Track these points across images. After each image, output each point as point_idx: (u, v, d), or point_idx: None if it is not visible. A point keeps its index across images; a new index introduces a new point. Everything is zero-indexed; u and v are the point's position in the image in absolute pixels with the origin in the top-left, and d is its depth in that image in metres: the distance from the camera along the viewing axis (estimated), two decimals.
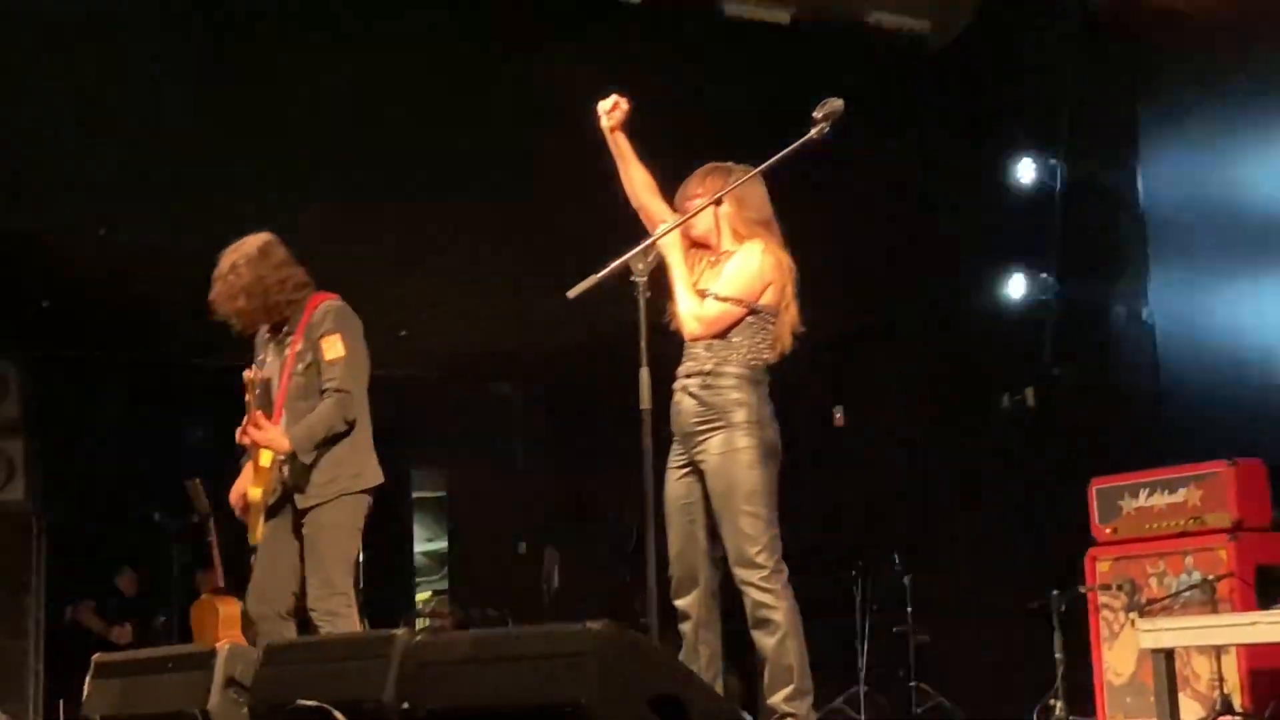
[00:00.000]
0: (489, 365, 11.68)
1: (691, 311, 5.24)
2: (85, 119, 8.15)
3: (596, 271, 4.86)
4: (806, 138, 4.94)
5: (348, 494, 5.60)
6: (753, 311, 5.29)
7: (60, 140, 8.11)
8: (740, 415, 5.18)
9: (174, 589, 10.12)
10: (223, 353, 6.07)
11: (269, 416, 5.63)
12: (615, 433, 12.61)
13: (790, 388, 10.89)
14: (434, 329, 9.92)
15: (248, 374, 5.50)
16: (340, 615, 5.46)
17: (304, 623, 5.68)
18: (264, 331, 5.82)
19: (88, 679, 4.91)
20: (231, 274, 5.67)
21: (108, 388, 11.20)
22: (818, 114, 4.89)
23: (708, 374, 5.22)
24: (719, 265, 5.34)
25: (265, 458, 5.59)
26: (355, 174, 8.68)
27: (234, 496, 5.76)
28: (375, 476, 5.75)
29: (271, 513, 5.70)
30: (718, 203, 5.24)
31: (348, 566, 5.60)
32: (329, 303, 5.72)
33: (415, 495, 13.13)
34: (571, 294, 4.84)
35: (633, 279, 4.81)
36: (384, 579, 12.37)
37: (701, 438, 5.17)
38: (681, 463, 5.26)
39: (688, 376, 5.25)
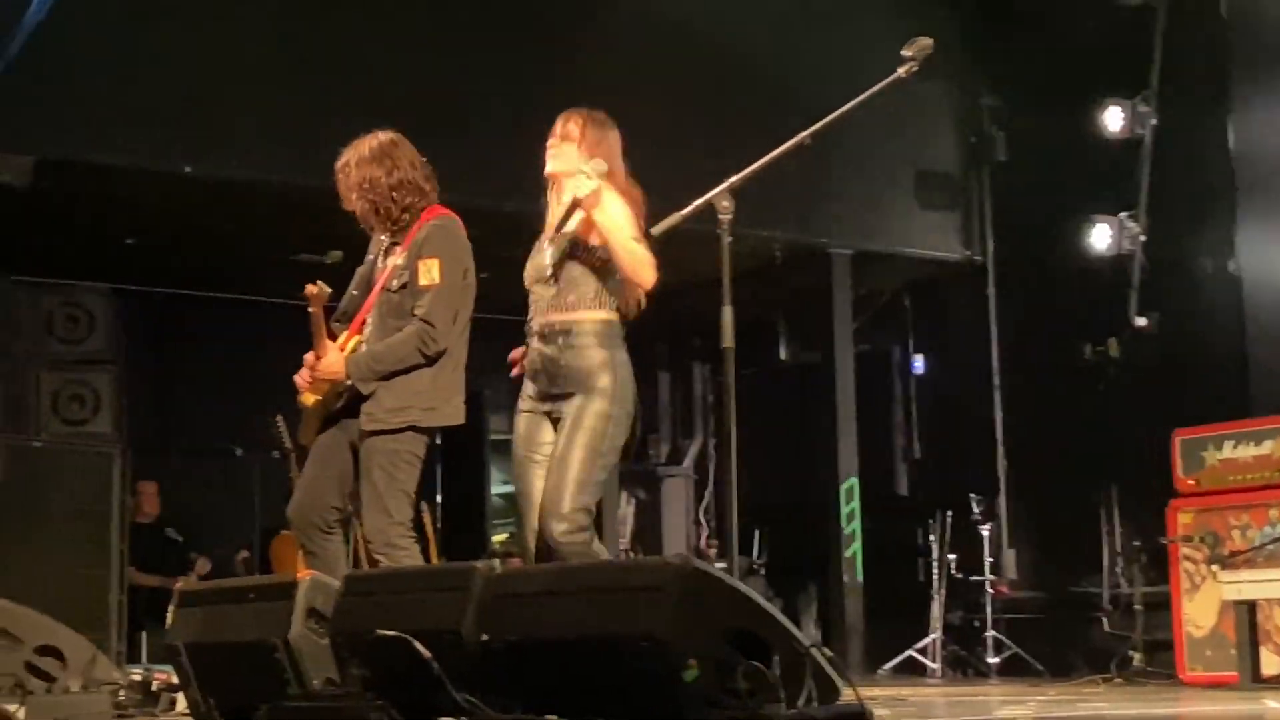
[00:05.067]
0: None
1: (646, 258, 4.94)
2: (168, 49, 8.19)
3: (680, 210, 4.81)
4: (895, 75, 4.84)
5: (417, 427, 5.23)
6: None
7: (143, 74, 8.15)
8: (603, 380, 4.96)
9: (256, 524, 10.21)
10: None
11: (347, 328, 5.37)
12: (686, 375, 12.69)
13: (863, 332, 10.89)
14: (510, 269, 9.89)
15: (310, 288, 5.15)
16: (399, 547, 5.15)
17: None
18: (380, 234, 5.48)
19: (171, 607, 4.94)
20: (342, 173, 5.36)
21: (193, 322, 11.29)
22: (907, 51, 4.79)
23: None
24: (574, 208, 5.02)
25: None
26: (436, 100, 8.67)
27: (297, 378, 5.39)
28: (453, 416, 5.32)
29: (331, 419, 5.36)
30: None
31: (406, 496, 5.22)
32: (437, 220, 5.35)
33: (491, 437, 13.15)
34: (656, 231, 4.80)
35: (719, 217, 4.74)
36: (461, 521, 12.45)
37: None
38: None
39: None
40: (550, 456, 4.96)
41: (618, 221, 4.93)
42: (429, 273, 5.23)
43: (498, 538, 14.18)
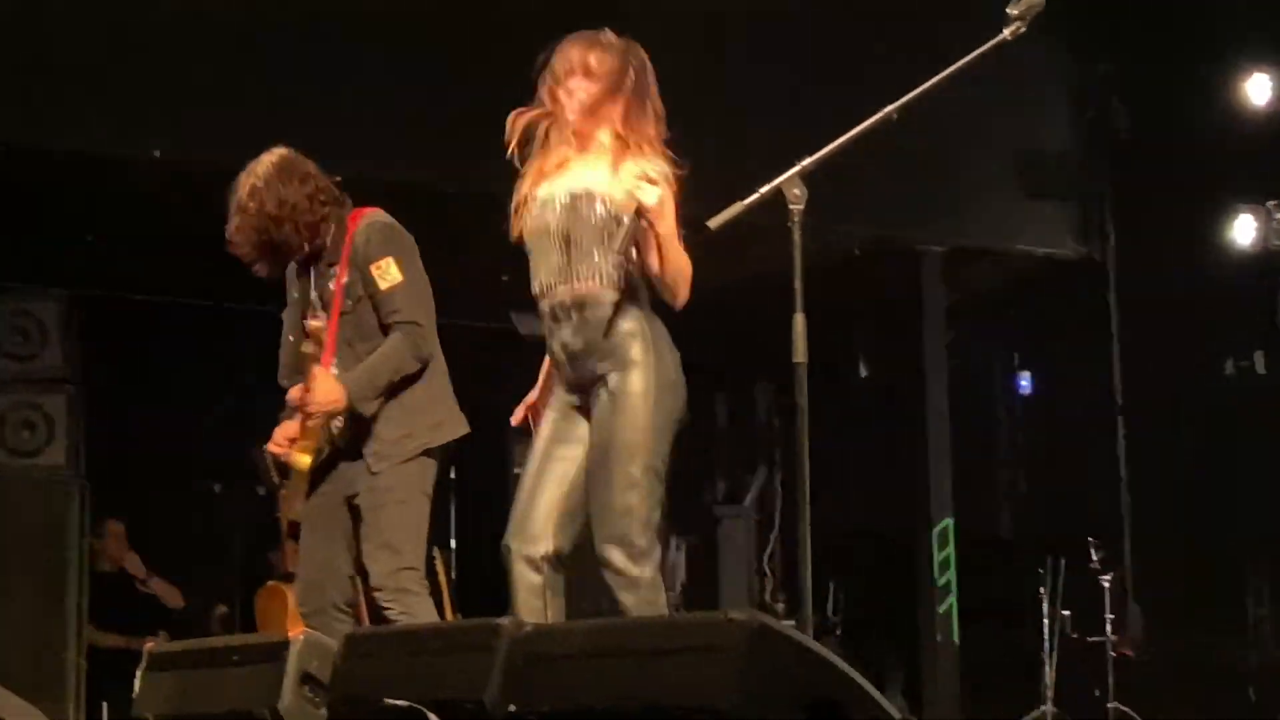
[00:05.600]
0: None
1: (689, 274, 4.91)
2: (130, 14, 8.24)
3: (743, 198, 4.81)
4: (999, 39, 4.86)
5: (429, 450, 5.47)
6: None
7: (101, 43, 8.20)
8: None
9: (236, 574, 10.24)
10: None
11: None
12: (748, 396, 12.68)
13: (959, 344, 10.85)
14: None
15: (313, 323, 5.37)
16: (412, 593, 5.35)
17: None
18: (294, 265, 5.68)
19: (139, 672, 4.97)
20: (253, 201, 5.48)
21: (163, 335, 11.33)
22: (1013, 10, 4.81)
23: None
24: (588, 160, 4.98)
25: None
26: (466, 76, 8.71)
27: (273, 447, 5.57)
28: (458, 426, 5.60)
29: (317, 478, 5.55)
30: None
31: (418, 536, 5.44)
32: (371, 220, 5.58)
33: (516, 471, 13.21)
34: (713, 224, 4.80)
35: (789, 207, 4.74)
36: (479, 570, 12.46)
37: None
38: None
39: None
40: (582, 459, 4.91)
41: (676, 234, 4.87)
42: (386, 274, 5.44)
43: None
